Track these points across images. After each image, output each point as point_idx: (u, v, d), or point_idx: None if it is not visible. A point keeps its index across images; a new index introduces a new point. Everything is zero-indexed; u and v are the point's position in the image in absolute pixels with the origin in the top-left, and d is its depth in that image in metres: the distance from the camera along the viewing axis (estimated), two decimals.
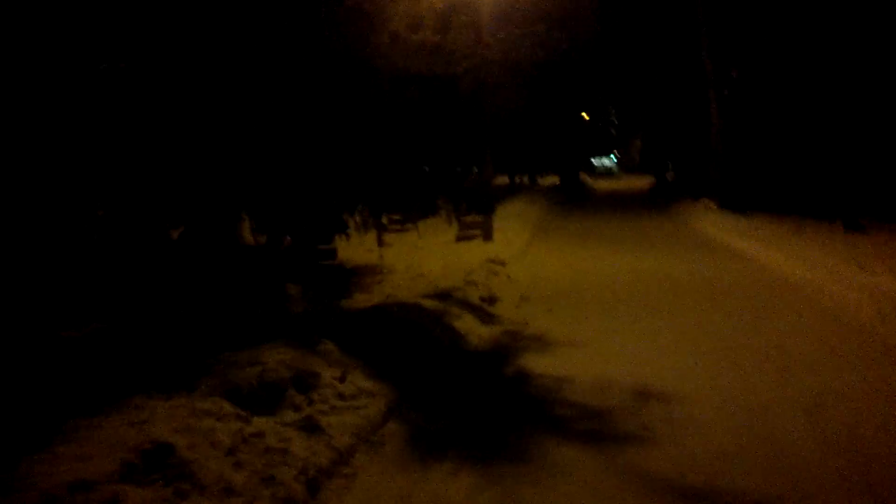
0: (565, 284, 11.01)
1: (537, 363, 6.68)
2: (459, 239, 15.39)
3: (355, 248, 13.56)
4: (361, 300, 9.30)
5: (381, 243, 14.88)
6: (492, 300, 9.28)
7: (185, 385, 5.04)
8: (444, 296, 8.93)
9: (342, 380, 5.47)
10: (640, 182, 50.82)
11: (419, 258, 12.98)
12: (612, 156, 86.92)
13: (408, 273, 11.45)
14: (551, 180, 50.65)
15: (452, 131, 14.50)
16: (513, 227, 17.16)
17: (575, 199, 33.05)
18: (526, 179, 50.91)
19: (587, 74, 45.84)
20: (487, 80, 15.14)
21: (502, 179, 51.84)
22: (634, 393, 5.71)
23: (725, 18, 23.09)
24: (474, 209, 15.98)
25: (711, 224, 19.40)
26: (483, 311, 8.67)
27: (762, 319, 8.26)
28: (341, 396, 5.27)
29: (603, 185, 52.87)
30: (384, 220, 16.04)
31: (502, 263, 11.91)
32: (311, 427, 4.66)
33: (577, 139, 53.23)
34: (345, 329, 6.73)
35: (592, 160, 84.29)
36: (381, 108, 10.79)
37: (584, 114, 54.57)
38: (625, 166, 79.23)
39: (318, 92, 9.87)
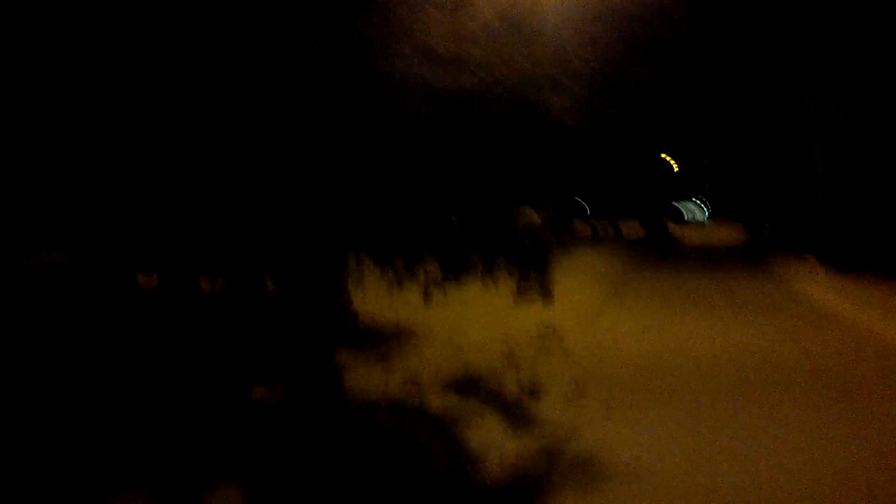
0: (640, 366, 8.61)
1: None
2: (518, 296, 13.18)
3: (396, 300, 11.52)
4: (365, 382, 7.21)
5: (427, 298, 12.80)
6: (534, 391, 7.02)
7: None
8: (468, 385, 6.75)
9: None
10: (733, 233, 47.51)
11: (464, 319, 10.84)
12: (701, 204, 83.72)
13: (443, 341, 9.33)
14: (635, 227, 48.11)
15: (506, 166, 12.40)
16: (583, 283, 14.85)
17: (659, 250, 30.32)
18: (609, 227, 48.50)
19: (676, 116, 43.36)
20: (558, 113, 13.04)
21: (581, 226, 49.77)
22: None
23: (831, 54, 20.44)
24: (529, 261, 13.72)
25: (816, 286, 16.65)
26: (518, 411, 6.42)
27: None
28: None
29: (692, 234, 49.72)
30: (433, 269, 13.99)
31: (560, 334, 9.66)
32: None
33: (663, 185, 50.64)
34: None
35: (681, 208, 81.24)
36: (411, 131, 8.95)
37: (670, 159, 51.94)
38: (715, 214, 75.55)
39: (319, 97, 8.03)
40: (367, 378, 7.39)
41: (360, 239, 9.92)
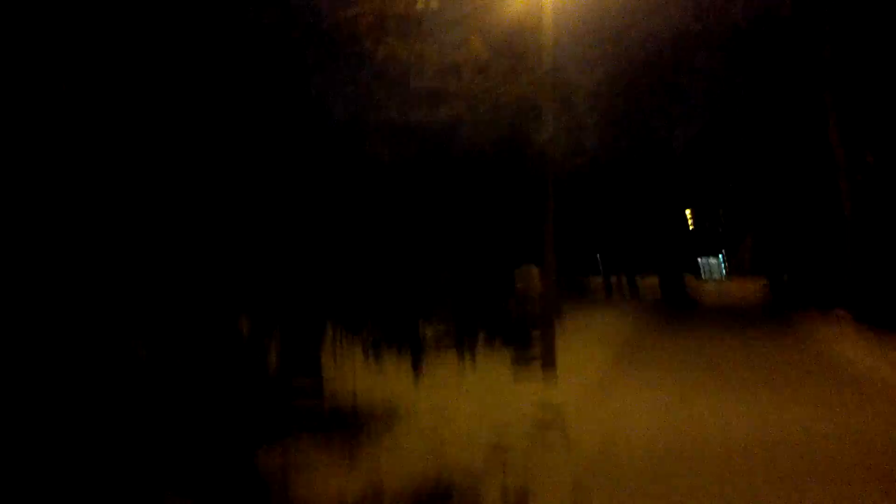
0: (658, 456, 7.16)
1: None
2: (518, 370, 11.79)
3: (378, 378, 10.16)
4: (320, 487, 5.85)
5: (416, 373, 11.44)
6: (522, 501, 5.61)
7: None
8: (442, 498, 5.37)
9: None
10: (752, 287, 45.81)
11: (453, 403, 9.44)
12: (719, 257, 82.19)
13: (425, 432, 7.92)
14: (651, 282, 46.52)
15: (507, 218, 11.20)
16: (590, 348, 13.43)
17: (677, 309, 28.76)
18: (624, 280, 46.91)
19: (691, 165, 42.13)
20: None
21: (595, 280, 48.25)
22: None
23: (857, 95, 19.23)
24: (531, 328, 12.28)
25: (852, 347, 15.10)
26: None
27: None
28: None
29: (710, 289, 48.13)
30: (429, 334, 12.63)
31: (563, 416, 8.25)
32: None
33: (680, 238, 49.19)
34: None
35: (698, 261, 79.68)
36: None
37: (687, 211, 50.60)
38: (734, 268, 73.92)
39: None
40: (322, 483, 6.04)
41: (336, 306, 8.76)
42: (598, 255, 47.04)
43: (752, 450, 7.31)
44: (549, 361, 10.63)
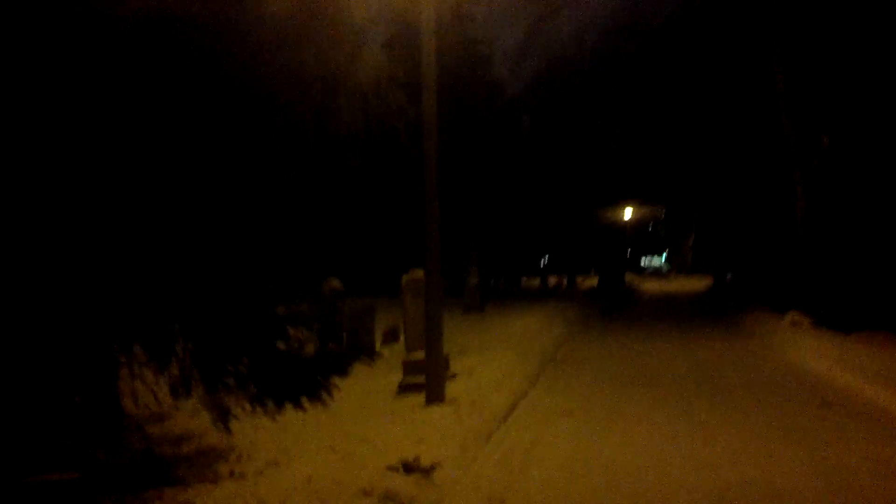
0: None
1: None
2: (402, 390, 9.13)
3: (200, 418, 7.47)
4: None
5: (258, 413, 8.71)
6: None
7: None
8: None
9: None
10: (695, 284, 44.13)
11: (293, 449, 6.77)
12: (662, 255, 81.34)
13: (245, 493, 5.30)
14: (593, 283, 44.58)
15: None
16: (504, 364, 10.82)
17: (615, 309, 26.37)
18: (564, 281, 44.92)
19: (629, 162, 40.24)
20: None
21: (532, 282, 46.10)
22: None
23: (811, 71, 17.02)
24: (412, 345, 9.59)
25: (812, 354, 12.78)
26: None
27: None
28: None
29: (652, 287, 46.23)
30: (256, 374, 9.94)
31: (428, 472, 5.62)
32: None
33: (620, 237, 47.48)
34: None
35: (641, 260, 78.69)
36: None
37: (629, 209, 48.76)
38: (676, 267, 72.68)
39: None
40: None
41: (139, 329, 6.08)
42: (539, 257, 45.12)
43: None
44: (434, 393, 7.92)
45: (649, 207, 55.80)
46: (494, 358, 11.07)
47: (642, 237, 69.14)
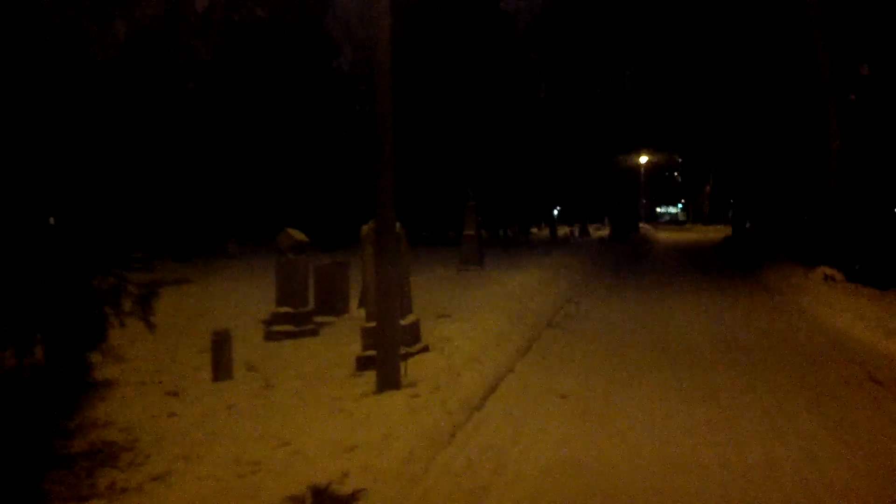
0: None
1: None
2: (361, 366, 7.47)
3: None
4: None
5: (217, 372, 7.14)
6: None
7: None
8: None
9: None
10: (712, 234, 42.20)
11: (219, 434, 5.23)
12: (678, 205, 79.58)
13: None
14: (605, 232, 43.00)
15: None
16: (490, 326, 9.16)
17: (627, 262, 24.53)
18: (576, 231, 43.36)
19: (643, 107, 38.18)
20: None
21: (543, 232, 44.50)
22: None
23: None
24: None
25: (852, 316, 11.05)
26: None
27: None
28: None
29: (667, 237, 44.39)
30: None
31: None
32: None
33: (633, 185, 45.79)
34: None
35: (657, 210, 77.11)
36: None
37: (644, 156, 46.82)
38: (693, 216, 70.78)
39: None
40: None
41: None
42: (551, 207, 43.53)
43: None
44: (386, 377, 6.24)
45: (665, 154, 53.84)
46: (480, 323, 9.38)
47: (658, 185, 67.22)
